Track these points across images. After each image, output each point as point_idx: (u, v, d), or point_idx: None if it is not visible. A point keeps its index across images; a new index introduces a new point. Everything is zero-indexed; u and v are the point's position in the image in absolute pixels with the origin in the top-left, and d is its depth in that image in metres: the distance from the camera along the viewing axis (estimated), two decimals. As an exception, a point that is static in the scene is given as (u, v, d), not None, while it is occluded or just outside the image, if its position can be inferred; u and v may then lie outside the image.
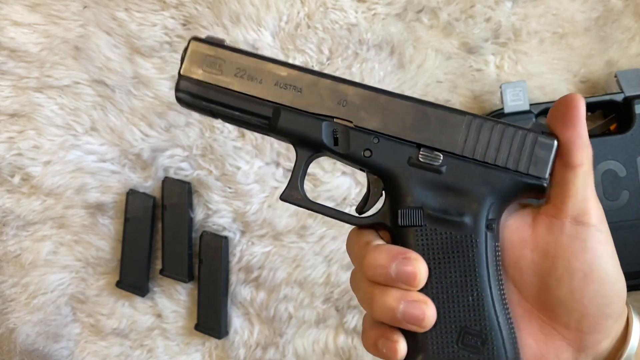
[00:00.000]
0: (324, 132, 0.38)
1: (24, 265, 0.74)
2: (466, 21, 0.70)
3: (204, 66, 0.39)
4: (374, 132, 0.38)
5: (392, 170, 0.38)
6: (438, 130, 0.37)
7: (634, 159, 0.66)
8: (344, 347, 0.72)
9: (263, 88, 0.38)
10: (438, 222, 0.37)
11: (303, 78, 0.38)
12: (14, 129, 0.73)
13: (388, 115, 0.38)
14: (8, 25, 0.73)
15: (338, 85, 0.38)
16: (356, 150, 0.38)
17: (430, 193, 0.37)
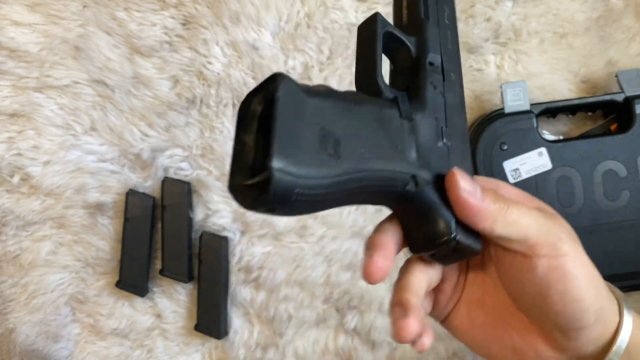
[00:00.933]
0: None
1: (23, 265, 0.74)
2: (466, 21, 0.70)
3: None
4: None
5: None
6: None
7: (634, 159, 0.66)
8: (344, 347, 0.72)
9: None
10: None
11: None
12: (13, 129, 0.73)
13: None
14: (8, 25, 0.73)
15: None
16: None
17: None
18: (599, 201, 0.66)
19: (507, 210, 0.36)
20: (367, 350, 0.72)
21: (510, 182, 0.66)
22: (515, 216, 0.36)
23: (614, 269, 0.67)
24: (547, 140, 0.67)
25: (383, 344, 0.72)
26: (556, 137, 0.71)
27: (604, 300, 0.37)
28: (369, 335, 0.71)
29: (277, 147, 0.30)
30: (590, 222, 0.66)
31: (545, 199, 0.66)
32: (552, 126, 0.71)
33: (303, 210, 0.33)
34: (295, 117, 0.31)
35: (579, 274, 0.36)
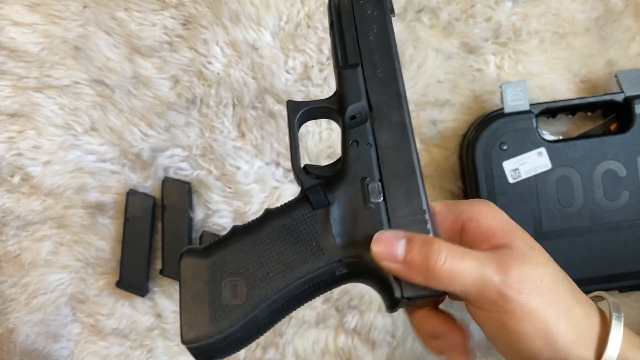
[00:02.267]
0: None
1: (23, 265, 0.74)
2: (466, 21, 0.70)
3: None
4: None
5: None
6: None
7: (634, 159, 0.66)
8: (344, 347, 0.72)
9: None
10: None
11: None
12: (13, 129, 0.73)
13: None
14: (8, 25, 0.73)
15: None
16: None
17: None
18: (598, 201, 0.67)
19: (440, 267, 0.35)
20: (367, 350, 0.72)
21: (510, 182, 0.66)
22: (448, 272, 0.35)
23: (613, 269, 0.67)
24: (547, 140, 0.67)
25: (383, 344, 0.72)
26: (556, 137, 0.71)
27: (566, 348, 0.36)
28: (369, 335, 0.72)
29: (183, 325, 0.36)
30: (590, 222, 0.67)
31: (545, 199, 0.66)
32: (551, 126, 0.71)
33: (238, 347, 0.38)
34: (195, 285, 0.36)
35: (524, 330, 0.35)
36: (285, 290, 0.37)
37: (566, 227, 0.66)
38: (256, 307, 0.37)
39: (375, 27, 0.41)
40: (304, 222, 0.38)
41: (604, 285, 0.67)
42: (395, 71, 0.40)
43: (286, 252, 0.38)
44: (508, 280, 0.35)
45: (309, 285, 0.38)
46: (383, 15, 0.41)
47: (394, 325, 0.72)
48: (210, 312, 0.36)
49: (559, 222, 0.66)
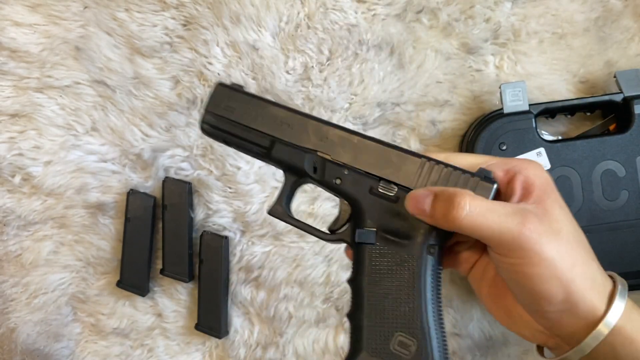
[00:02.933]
0: (306, 163, 0.47)
1: (24, 265, 0.74)
2: (466, 22, 0.70)
3: (223, 105, 0.49)
4: (345, 165, 0.46)
5: (356, 197, 0.46)
6: (397, 168, 0.45)
7: (633, 159, 0.67)
8: (344, 347, 0.72)
9: (264, 124, 0.48)
10: (387, 242, 0.44)
11: (295, 118, 0.48)
12: (14, 129, 0.74)
13: (358, 152, 0.46)
14: (9, 25, 0.73)
15: (322, 126, 0.47)
16: (329, 178, 0.46)
17: (385, 218, 0.45)
18: (597, 201, 0.67)
19: (461, 219, 0.40)
20: (366, 349, 0.72)
21: (510, 182, 0.66)
22: (470, 223, 0.40)
23: (613, 269, 0.66)
24: (546, 140, 0.67)
25: (383, 343, 0.72)
26: (555, 137, 0.71)
27: (579, 292, 0.40)
28: (369, 334, 0.72)
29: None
30: (589, 222, 0.67)
31: (544, 198, 0.66)
32: (551, 126, 0.71)
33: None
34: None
35: (539, 272, 0.39)
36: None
37: (565, 227, 0.66)
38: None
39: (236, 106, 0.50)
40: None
41: (603, 284, 0.67)
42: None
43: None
44: (525, 232, 0.39)
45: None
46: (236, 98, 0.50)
47: (393, 324, 0.72)
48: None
49: (558, 222, 0.66)
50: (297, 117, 0.48)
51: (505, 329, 0.69)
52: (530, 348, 0.71)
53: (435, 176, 0.44)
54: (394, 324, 0.43)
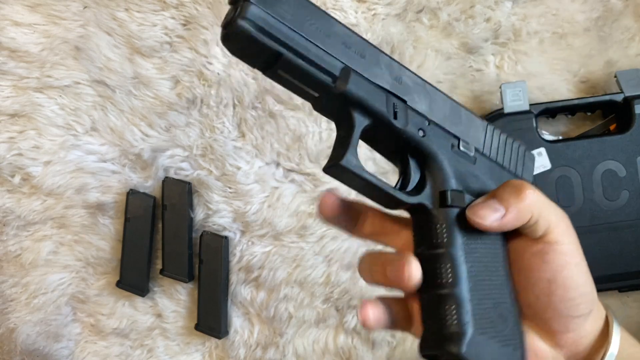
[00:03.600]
0: (387, 104, 0.37)
1: (24, 265, 0.74)
2: (466, 21, 0.70)
3: (275, 3, 0.34)
4: (424, 115, 0.39)
5: (441, 154, 0.39)
6: (467, 127, 0.41)
7: (633, 159, 0.67)
8: (344, 347, 0.72)
9: (333, 45, 0.35)
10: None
11: (366, 47, 0.37)
12: (14, 129, 0.74)
13: (433, 103, 0.39)
14: (8, 25, 0.73)
15: (394, 64, 0.38)
16: (413, 128, 0.38)
17: (468, 180, 0.40)
18: (598, 201, 0.67)
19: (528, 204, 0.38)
20: (367, 350, 0.72)
21: (510, 182, 0.66)
22: (539, 211, 0.38)
23: (613, 269, 0.67)
24: (547, 140, 0.67)
25: (383, 344, 0.72)
26: (555, 137, 0.71)
27: (595, 292, 0.40)
28: (369, 335, 0.72)
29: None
30: (590, 222, 0.67)
31: (545, 199, 0.66)
32: (551, 126, 0.71)
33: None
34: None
35: (579, 261, 0.39)
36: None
37: (566, 227, 0.66)
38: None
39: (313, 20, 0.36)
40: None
41: (604, 285, 0.67)
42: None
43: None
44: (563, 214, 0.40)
45: None
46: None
47: (393, 325, 0.72)
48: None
49: (559, 222, 0.66)
50: (367, 45, 0.37)
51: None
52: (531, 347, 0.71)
53: (496, 143, 0.42)
54: (494, 296, 0.38)
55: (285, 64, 0.34)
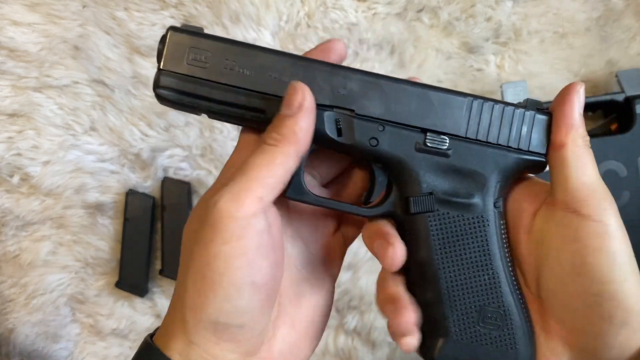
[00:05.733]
0: (327, 123, 0.36)
1: (23, 265, 0.74)
2: (467, 21, 0.70)
3: (187, 59, 0.36)
4: (378, 119, 0.37)
5: (401, 158, 0.37)
6: (442, 113, 0.37)
7: (634, 158, 0.66)
8: (344, 348, 0.72)
9: (256, 80, 0.36)
10: (449, 205, 0.37)
11: (297, 67, 0.36)
12: (13, 129, 0.73)
13: (390, 101, 0.37)
14: (7, 24, 0.73)
15: (336, 72, 0.36)
16: (362, 140, 0.36)
17: (439, 177, 0.37)
18: (599, 201, 0.66)
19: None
20: (367, 350, 0.72)
21: (511, 182, 0.66)
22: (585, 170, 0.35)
23: (614, 269, 0.67)
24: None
25: (383, 344, 0.71)
26: (556, 137, 0.71)
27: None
28: (369, 335, 0.71)
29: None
30: (591, 222, 0.66)
31: (546, 199, 0.66)
32: (552, 126, 0.71)
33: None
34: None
35: (618, 251, 0.34)
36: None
37: (567, 227, 0.66)
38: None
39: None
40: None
41: (604, 285, 0.67)
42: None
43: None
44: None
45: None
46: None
47: (394, 325, 0.72)
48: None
49: (560, 222, 0.66)
50: (299, 64, 0.36)
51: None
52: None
53: (487, 116, 0.37)
54: (477, 297, 0.36)
55: (212, 113, 0.37)
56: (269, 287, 0.33)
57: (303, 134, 0.34)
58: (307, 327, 0.37)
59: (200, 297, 0.32)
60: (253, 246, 0.32)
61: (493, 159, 0.37)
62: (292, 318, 0.36)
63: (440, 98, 0.37)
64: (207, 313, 0.32)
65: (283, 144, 0.34)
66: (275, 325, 0.36)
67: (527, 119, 0.37)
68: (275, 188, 0.34)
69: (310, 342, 0.38)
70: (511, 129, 0.37)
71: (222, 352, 0.33)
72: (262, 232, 0.33)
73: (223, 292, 0.32)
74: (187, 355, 0.33)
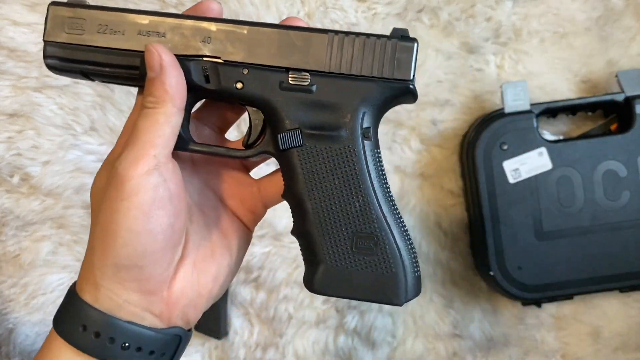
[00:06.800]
0: (193, 72, 0.39)
1: (23, 265, 0.74)
2: (467, 21, 0.70)
3: (66, 28, 0.40)
4: (242, 63, 0.39)
5: (266, 97, 0.39)
6: (303, 51, 0.39)
7: (634, 159, 0.66)
8: (344, 348, 0.72)
9: (127, 40, 0.39)
10: (317, 139, 0.39)
11: (164, 23, 0.39)
12: (13, 129, 0.73)
13: (253, 45, 0.39)
14: (7, 24, 0.73)
15: (200, 23, 0.39)
16: (228, 84, 0.39)
17: (305, 113, 0.39)
18: (599, 201, 0.66)
19: None
20: (367, 350, 0.72)
21: (511, 182, 0.66)
22: None
23: (614, 269, 0.67)
24: (548, 140, 0.67)
25: (383, 344, 0.72)
26: (556, 137, 0.71)
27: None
28: (369, 335, 0.71)
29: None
30: (591, 222, 0.66)
31: (546, 199, 0.66)
32: (552, 126, 0.71)
33: None
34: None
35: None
36: None
37: (567, 227, 0.66)
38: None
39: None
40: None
41: (604, 285, 0.67)
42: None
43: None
44: None
45: None
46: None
47: (394, 325, 0.72)
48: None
49: (560, 222, 0.66)
50: (166, 20, 0.39)
51: (507, 330, 0.69)
52: (532, 349, 0.71)
53: (349, 49, 0.38)
54: (348, 225, 0.39)
55: (95, 75, 0.40)
56: (167, 233, 0.37)
57: (175, 90, 0.37)
58: (208, 267, 0.41)
59: (103, 244, 0.37)
60: (148, 199, 0.36)
61: (356, 91, 0.39)
62: (194, 259, 0.40)
63: (302, 37, 0.39)
64: (111, 257, 0.37)
65: (160, 104, 0.37)
66: (178, 267, 0.39)
67: (389, 48, 0.38)
68: (166, 145, 0.37)
69: (212, 282, 0.41)
70: (374, 59, 0.39)
71: (125, 291, 0.37)
72: (157, 186, 0.36)
73: (122, 239, 0.36)
74: (96, 296, 0.38)
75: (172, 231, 0.38)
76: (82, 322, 0.37)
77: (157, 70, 0.37)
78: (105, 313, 0.37)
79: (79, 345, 0.37)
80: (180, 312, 0.39)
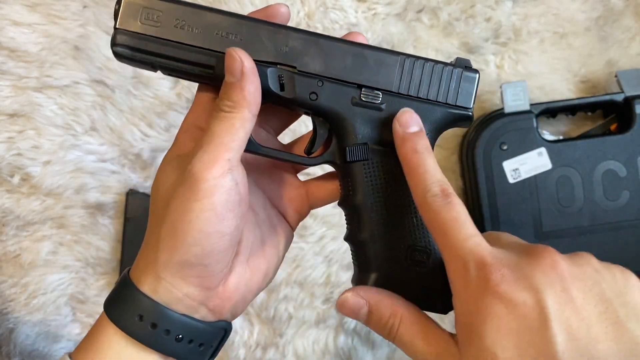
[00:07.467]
0: (270, 79, 0.39)
1: (23, 265, 0.74)
2: (466, 21, 0.70)
3: (140, 18, 0.39)
4: (317, 75, 0.40)
5: (338, 111, 0.40)
6: (375, 70, 0.40)
7: (634, 159, 0.66)
8: (344, 348, 0.72)
9: (204, 38, 0.39)
10: (382, 155, 0.40)
11: (242, 26, 0.39)
12: (13, 129, 0.73)
13: (329, 58, 0.40)
14: (8, 25, 0.73)
15: (278, 31, 0.39)
16: (303, 94, 0.40)
17: (373, 129, 0.40)
18: (598, 201, 0.67)
19: (394, 338, 0.39)
20: (367, 350, 0.72)
21: (510, 182, 0.66)
22: (401, 343, 0.39)
23: (614, 269, 0.67)
24: (547, 140, 0.67)
25: (383, 344, 0.72)
26: (556, 137, 0.71)
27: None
28: (369, 335, 0.71)
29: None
30: (590, 222, 0.67)
31: (545, 199, 0.66)
32: (552, 126, 0.71)
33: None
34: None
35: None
36: None
37: (566, 227, 0.66)
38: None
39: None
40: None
41: (604, 285, 0.67)
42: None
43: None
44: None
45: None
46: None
47: (394, 325, 0.72)
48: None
49: (559, 222, 0.66)
50: (244, 23, 0.39)
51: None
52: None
53: (418, 73, 0.40)
54: (405, 238, 0.40)
55: (164, 68, 0.40)
56: (233, 234, 0.38)
57: (252, 96, 0.38)
58: (259, 264, 0.42)
59: (171, 242, 0.38)
60: (221, 202, 0.37)
61: (422, 112, 0.41)
62: (247, 256, 0.42)
63: (375, 56, 0.40)
64: (178, 254, 0.38)
65: (237, 109, 0.37)
66: (233, 264, 0.40)
67: (455, 76, 0.41)
68: (240, 149, 0.38)
69: (262, 278, 0.43)
70: (440, 85, 0.41)
71: (186, 285, 0.38)
72: (230, 189, 0.37)
73: (192, 239, 0.37)
74: (156, 288, 0.39)
75: (238, 232, 0.39)
76: (139, 312, 0.38)
77: (237, 75, 0.37)
78: (163, 305, 0.38)
79: (135, 335, 0.38)
80: (232, 307, 0.41)
